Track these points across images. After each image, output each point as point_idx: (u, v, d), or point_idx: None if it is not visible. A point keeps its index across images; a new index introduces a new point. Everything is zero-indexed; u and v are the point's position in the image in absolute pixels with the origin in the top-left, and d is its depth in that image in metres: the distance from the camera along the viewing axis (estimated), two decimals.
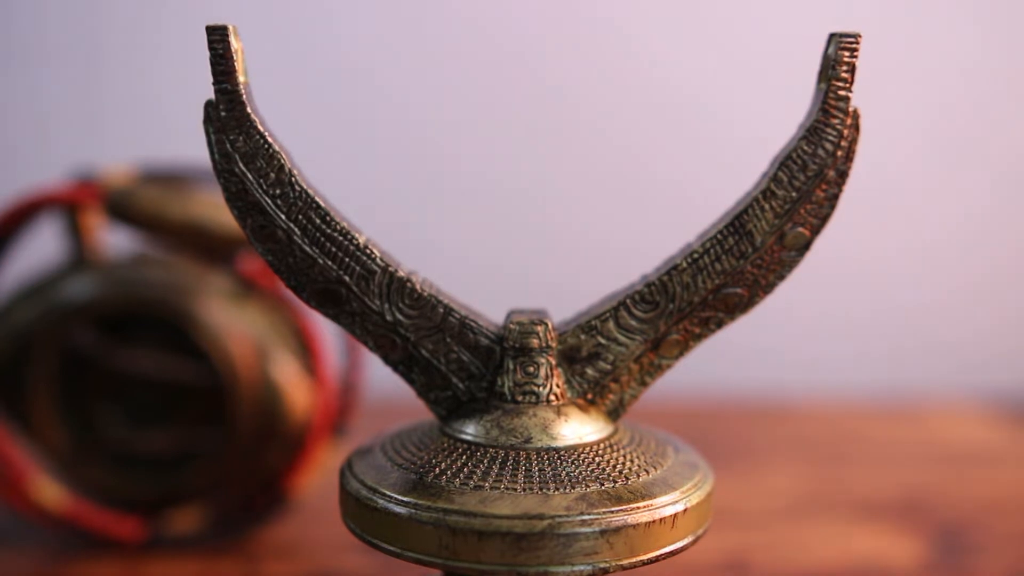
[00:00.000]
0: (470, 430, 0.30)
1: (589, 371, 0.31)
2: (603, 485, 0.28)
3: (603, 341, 0.31)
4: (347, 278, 0.30)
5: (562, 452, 0.29)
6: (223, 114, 0.29)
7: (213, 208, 0.43)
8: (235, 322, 0.43)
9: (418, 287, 0.30)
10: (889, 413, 0.68)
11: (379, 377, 0.42)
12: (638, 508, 0.28)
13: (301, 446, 0.44)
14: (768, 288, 0.31)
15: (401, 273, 0.30)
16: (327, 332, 0.46)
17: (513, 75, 0.71)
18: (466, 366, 0.31)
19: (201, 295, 0.43)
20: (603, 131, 0.72)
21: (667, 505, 0.28)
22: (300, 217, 0.30)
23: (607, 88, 0.71)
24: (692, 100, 0.72)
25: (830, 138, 0.29)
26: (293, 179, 0.29)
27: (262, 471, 0.44)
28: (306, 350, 0.45)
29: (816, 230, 0.30)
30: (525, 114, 0.72)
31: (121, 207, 0.43)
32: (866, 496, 0.52)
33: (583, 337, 0.31)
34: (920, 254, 0.75)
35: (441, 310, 0.31)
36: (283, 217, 0.30)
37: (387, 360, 0.31)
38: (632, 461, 0.29)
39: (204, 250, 0.45)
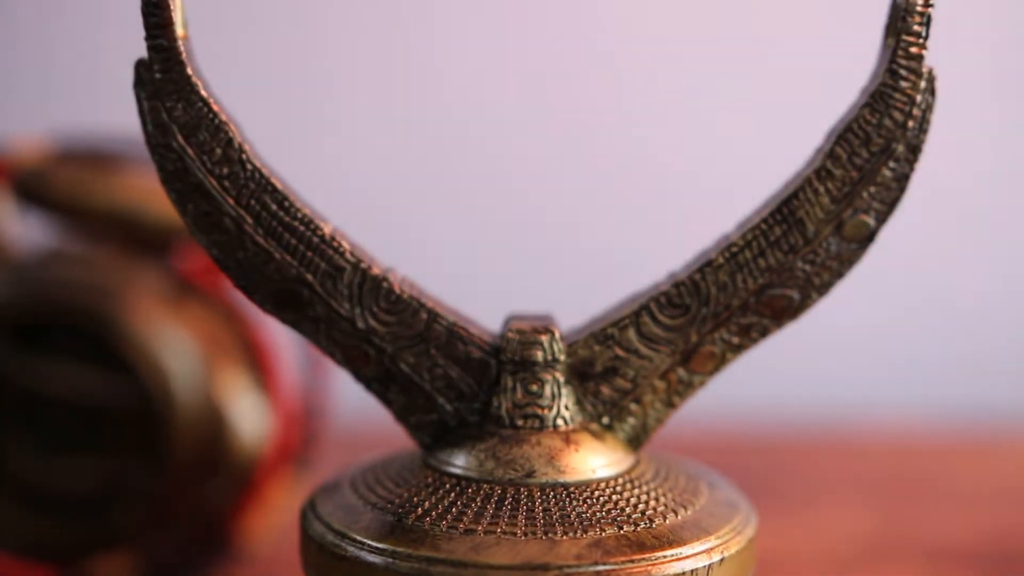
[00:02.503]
0: (460, 462, 0.30)
1: (605, 390, 0.31)
2: (621, 529, 0.28)
3: (622, 353, 0.31)
4: (309, 276, 0.30)
5: (571, 488, 0.29)
6: (157, 76, 0.29)
7: (143, 192, 0.43)
8: (171, 331, 0.43)
9: (396, 287, 0.31)
10: (970, 443, 0.68)
11: (349, 398, 0.42)
12: (664, 557, 0.28)
13: (251, 482, 0.44)
14: (823, 288, 0.31)
15: (375, 271, 0.30)
16: (285, 343, 0.46)
17: (514, 67, 0.72)
18: (455, 384, 0.31)
19: (129, 298, 0.43)
20: (616, 120, 0.73)
21: (700, 554, 0.28)
22: (252, 202, 0.30)
23: (617, 79, 0.72)
24: (707, 95, 0.72)
25: (899, 105, 0.29)
26: (244, 156, 0.30)
27: (204, 512, 0.44)
28: (257, 364, 0.45)
29: (882, 218, 0.30)
30: (529, 103, 0.72)
31: (33, 189, 0.43)
32: (943, 543, 0.52)
33: (597, 348, 0.31)
34: (1006, 251, 0.75)
35: (424, 315, 0.31)
36: (231, 202, 0.30)
37: (358, 376, 0.31)
38: (657, 500, 0.30)
39: (133, 243, 0.45)
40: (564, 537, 0.28)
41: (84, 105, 0.65)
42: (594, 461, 0.30)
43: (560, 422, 0.30)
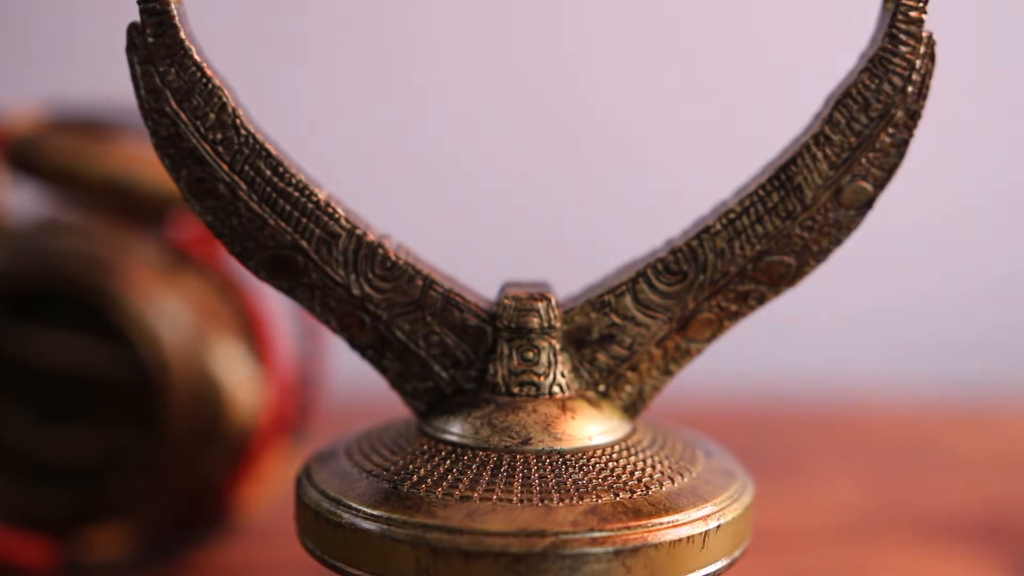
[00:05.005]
0: (455, 429, 0.30)
1: (601, 357, 0.31)
2: (618, 496, 0.28)
3: (618, 320, 0.31)
4: (304, 243, 0.30)
5: (567, 456, 0.29)
6: (150, 40, 0.29)
7: (138, 161, 0.43)
8: (166, 301, 0.43)
9: (391, 254, 0.30)
10: (963, 415, 0.68)
11: (345, 367, 0.42)
12: (661, 524, 0.28)
13: (247, 452, 0.44)
14: (821, 255, 0.31)
15: (371, 237, 0.30)
16: (280, 312, 0.46)
17: (509, 35, 0.72)
18: (451, 351, 0.31)
19: (124, 268, 0.43)
20: (613, 84, 0.73)
21: (696, 521, 0.28)
22: (247, 168, 0.30)
23: (613, 43, 0.72)
24: (705, 60, 0.72)
25: (898, 70, 0.29)
26: (238, 121, 0.29)
27: (200, 482, 0.44)
28: (253, 334, 0.45)
29: (880, 184, 0.30)
30: (522, 72, 0.72)
31: (27, 158, 0.42)
32: (940, 514, 0.52)
33: (594, 315, 0.31)
34: (1009, 222, 0.75)
35: (420, 282, 0.31)
36: (225, 168, 0.30)
37: (354, 344, 0.31)
38: (653, 467, 0.30)
39: (128, 212, 0.45)
40: (560, 504, 0.28)
41: (78, 72, 0.65)
42: (590, 428, 0.30)
43: (556, 389, 0.30)
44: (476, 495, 0.28)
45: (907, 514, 0.52)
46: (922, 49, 0.29)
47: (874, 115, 0.30)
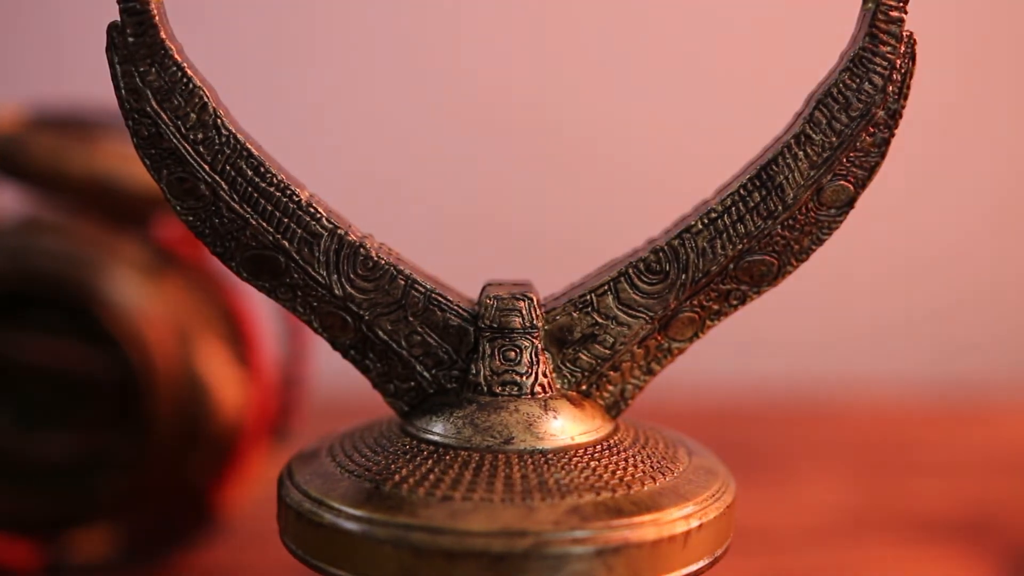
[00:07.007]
0: (438, 429, 0.30)
1: (583, 356, 0.31)
2: (599, 495, 0.28)
3: (600, 320, 0.31)
4: (286, 243, 0.30)
5: (550, 455, 0.29)
6: (130, 40, 0.29)
7: (122, 160, 0.43)
8: (150, 301, 0.43)
9: (373, 253, 0.30)
10: (954, 413, 0.68)
11: (328, 367, 0.42)
12: (643, 523, 0.28)
13: (232, 453, 0.44)
14: (802, 255, 0.31)
15: (352, 236, 0.30)
16: (264, 312, 0.46)
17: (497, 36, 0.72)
18: (433, 351, 0.31)
19: (108, 268, 0.43)
20: (595, 84, 0.73)
21: (678, 520, 0.28)
22: (228, 168, 0.30)
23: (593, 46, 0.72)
24: (685, 59, 0.72)
25: (879, 70, 0.29)
26: (219, 121, 0.29)
27: (184, 483, 0.44)
28: (238, 335, 0.45)
29: (861, 183, 0.30)
30: (506, 71, 0.72)
31: (9, 158, 0.42)
32: (925, 513, 0.52)
33: (576, 315, 0.31)
34: (991, 221, 0.75)
35: (402, 282, 0.31)
36: (207, 168, 0.30)
37: (336, 344, 0.31)
38: (635, 466, 0.30)
39: (112, 212, 0.44)
40: (542, 503, 0.28)
41: (62, 71, 0.65)
42: (572, 428, 0.30)
43: (538, 389, 0.30)
44: (458, 495, 0.28)
45: (890, 514, 0.52)
46: (903, 48, 0.29)
47: (855, 114, 0.30)
